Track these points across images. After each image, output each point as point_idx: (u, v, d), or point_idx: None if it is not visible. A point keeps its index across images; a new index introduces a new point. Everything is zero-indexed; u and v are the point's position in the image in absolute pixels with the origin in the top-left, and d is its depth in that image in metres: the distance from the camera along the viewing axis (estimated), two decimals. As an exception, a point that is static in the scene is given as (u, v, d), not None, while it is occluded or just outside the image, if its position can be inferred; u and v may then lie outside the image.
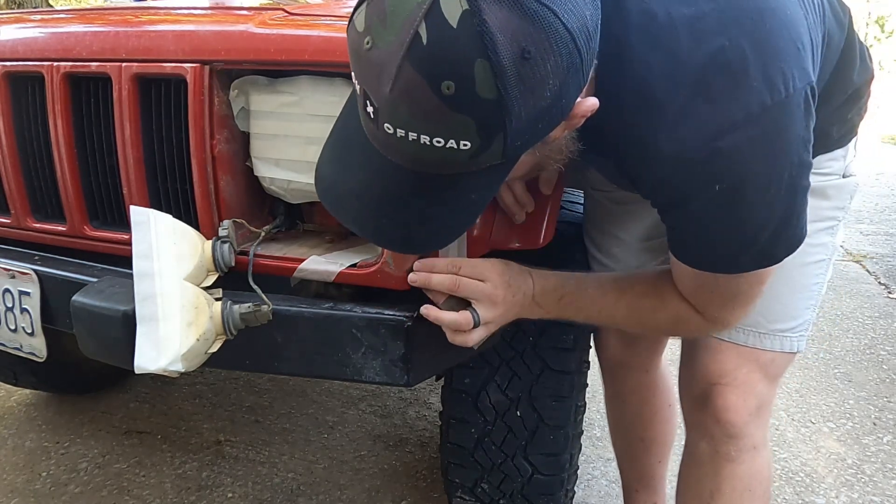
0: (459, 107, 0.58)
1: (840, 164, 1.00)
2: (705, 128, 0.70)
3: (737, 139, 0.70)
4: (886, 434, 2.01)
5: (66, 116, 1.00)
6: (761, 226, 0.76)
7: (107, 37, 0.98)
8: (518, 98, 0.58)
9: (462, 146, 0.61)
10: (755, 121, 0.69)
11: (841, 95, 0.94)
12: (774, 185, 0.73)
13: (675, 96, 0.71)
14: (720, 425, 1.02)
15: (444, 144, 0.60)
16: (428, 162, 0.63)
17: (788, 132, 0.72)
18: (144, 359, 0.83)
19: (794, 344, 1.03)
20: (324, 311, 0.91)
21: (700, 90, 0.70)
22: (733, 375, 1.02)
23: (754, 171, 0.72)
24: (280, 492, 1.66)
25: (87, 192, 1.05)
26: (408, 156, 0.63)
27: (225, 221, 0.95)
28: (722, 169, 0.72)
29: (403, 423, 1.98)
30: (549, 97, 0.60)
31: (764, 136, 0.70)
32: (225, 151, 0.95)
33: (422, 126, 0.60)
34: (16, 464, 1.74)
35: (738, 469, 1.04)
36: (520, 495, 1.31)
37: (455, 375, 1.26)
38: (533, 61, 0.57)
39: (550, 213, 1.07)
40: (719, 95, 0.70)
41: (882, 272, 3.61)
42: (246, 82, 0.94)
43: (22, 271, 1.04)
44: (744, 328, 1.01)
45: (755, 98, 0.69)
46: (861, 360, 2.52)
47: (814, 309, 1.04)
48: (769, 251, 0.79)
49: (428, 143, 0.60)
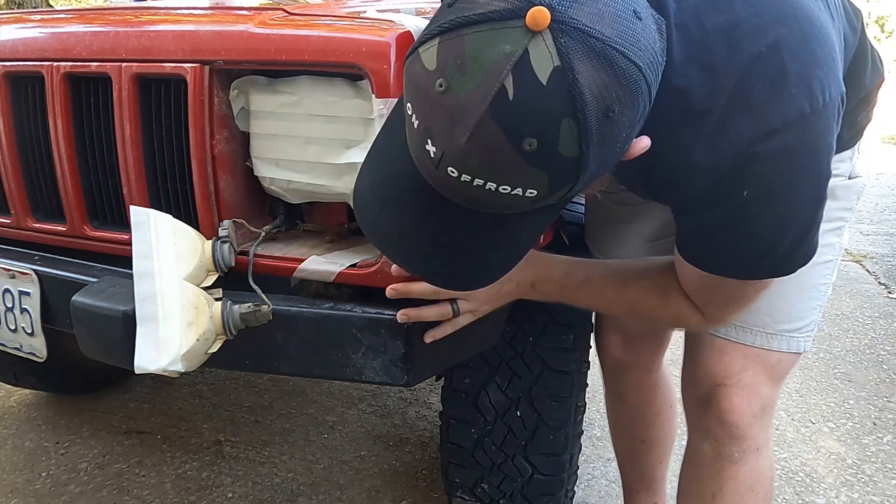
0: (538, 163, 0.56)
1: (847, 165, 1.00)
2: (743, 136, 0.70)
3: (772, 146, 0.69)
4: (886, 434, 2.00)
5: (66, 116, 1.00)
6: (783, 235, 0.75)
7: (107, 37, 0.98)
8: (596, 155, 0.58)
9: (528, 194, 0.59)
10: (792, 129, 0.69)
11: (853, 99, 0.93)
12: (802, 194, 0.73)
13: (714, 107, 0.70)
14: (724, 427, 1.02)
15: (510, 192, 0.59)
16: (487, 204, 0.62)
17: (822, 141, 0.71)
18: (144, 359, 0.83)
19: (801, 344, 1.02)
20: (324, 311, 0.91)
21: (739, 100, 0.69)
22: (738, 377, 1.01)
23: (785, 180, 0.71)
24: (280, 492, 1.66)
25: (87, 192, 1.05)
26: (466, 197, 0.61)
27: (225, 221, 0.95)
28: (753, 175, 0.71)
29: (403, 423, 1.98)
30: (618, 148, 0.61)
31: (799, 145, 0.70)
32: (225, 151, 0.95)
33: (492, 176, 0.58)
34: (16, 464, 1.74)
35: (741, 470, 1.03)
36: (520, 495, 1.31)
37: (455, 375, 1.26)
38: (615, 119, 0.57)
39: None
40: (758, 104, 0.69)
41: (882, 272, 3.61)
42: (246, 82, 0.94)
43: (22, 271, 1.04)
44: (751, 328, 1.00)
45: (794, 106, 0.68)
46: (861, 360, 2.52)
47: (820, 309, 1.04)
48: (787, 261, 0.79)
49: (493, 190, 0.59)
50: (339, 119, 0.90)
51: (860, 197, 1.04)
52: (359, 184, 0.75)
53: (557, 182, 0.59)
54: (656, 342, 1.32)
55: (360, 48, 0.83)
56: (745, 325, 1.00)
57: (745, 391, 1.00)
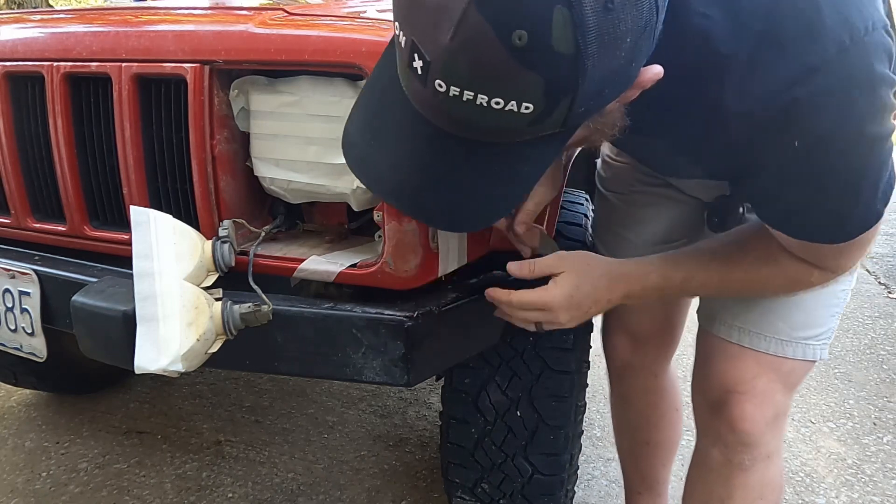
0: (530, 62, 0.50)
1: None
2: (777, 79, 0.62)
3: (815, 87, 0.62)
4: (886, 434, 2.00)
5: (66, 116, 1.00)
6: (856, 183, 0.67)
7: (107, 37, 0.98)
8: (594, 56, 0.51)
9: (524, 109, 0.53)
10: (833, 66, 0.61)
11: None
12: (863, 134, 0.65)
13: (741, 48, 0.63)
14: (735, 434, 0.99)
15: (503, 107, 0.53)
16: (481, 128, 0.56)
17: (871, 73, 0.63)
18: (144, 359, 0.83)
19: (817, 352, 0.98)
20: (324, 311, 0.91)
21: (768, 38, 0.62)
22: (752, 384, 0.98)
23: (838, 123, 0.63)
24: (280, 492, 1.66)
25: (87, 192, 1.05)
26: (458, 120, 0.56)
27: (225, 221, 0.95)
28: (800, 123, 0.64)
29: (403, 423, 1.98)
30: (622, 58, 0.54)
31: (846, 82, 0.62)
32: (225, 151, 0.95)
33: (482, 84, 0.52)
34: (16, 464, 1.74)
35: (751, 478, 1.01)
36: (520, 495, 1.31)
37: (455, 375, 1.26)
38: (615, 14, 0.51)
39: (550, 213, 1.07)
40: (790, 41, 0.62)
41: (882, 272, 3.61)
42: (246, 82, 0.94)
43: (22, 271, 1.04)
44: (765, 335, 0.97)
45: (831, 40, 0.61)
46: (861, 360, 2.52)
47: (838, 316, 1.00)
48: (872, 207, 0.70)
49: (485, 105, 0.53)
50: (339, 119, 0.90)
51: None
52: (348, 123, 0.70)
53: (554, 90, 0.53)
54: (664, 344, 1.30)
55: (360, 48, 0.83)
56: (759, 332, 0.97)
57: (758, 399, 0.97)
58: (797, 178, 0.68)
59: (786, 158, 0.66)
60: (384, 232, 0.89)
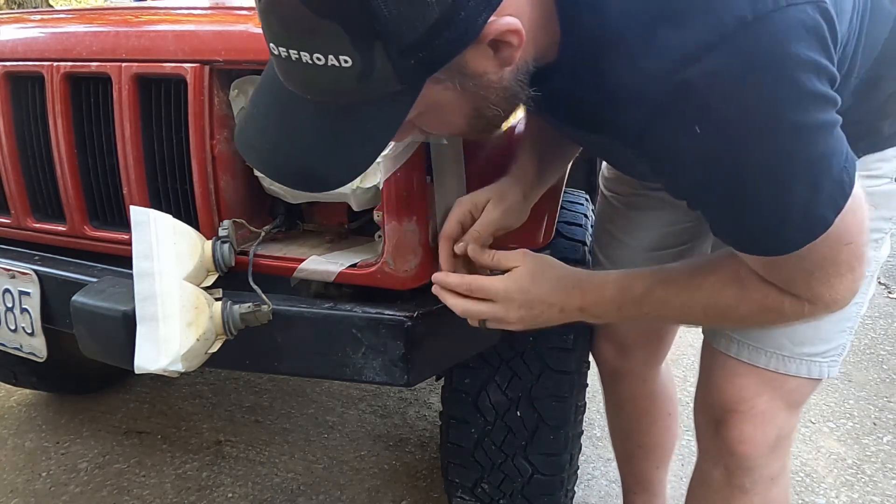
0: (322, 9, 0.53)
1: (891, 165, 0.85)
2: (670, 56, 0.57)
3: (708, 66, 0.56)
4: (886, 434, 2.00)
5: (66, 116, 1.00)
6: (784, 181, 0.60)
7: (107, 37, 0.98)
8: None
9: (343, 62, 0.55)
10: (731, 41, 0.55)
11: (893, 82, 0.79)
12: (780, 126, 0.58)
13: (636, 22, 0.59)
14: (734, 457, 0.94)
15: (324, 62, 0.56)
16: (320, 87, 0.59)
17: (781, 52, 0.56)
18: (144, 359, 0.83)
19: (824, 370, 0.92)
20: (324, 311, 0.91)
21: (662, 11, 0.58)
22: (751, 403, 0.92)
23: (740, 108, 0.57)
24: (280, 492, 1.66)
25: (87, 192, 1.05)
26: (300, 81, 0.60)
27: (225, 221, 0.95)
28: (694, 106, 0.58)
29: (403, 423, 1.98)
30: (435, 4, 0.53)
31: (744, 58, 0.56)
32: (225, 151, 0.95)
33: (295, 40, 0.56)
34: (16, 464, 1.74)
35: (753, 501, 0.97)
36: (520, 495, 1.31)
37: (455, 375, 1.26)
38: None
39: (550, 213, 1.07)
40: (686, 14, 0.57)
41: (882, 272, 3.61)
42: (246, 82, 0.94)
43: (22, 271, 1.04)
44: (765, 349, 0.92)
45: (731, 12, 0.55)
46: (861, 360, 2.52)
47: (851, 332, 0.92)
48: (813, 212, 0.62)
49: (310, 62, 0.56)
50: (339, 119, 0.90)
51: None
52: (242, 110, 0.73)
53: (357, 37, 0.54)
54: (652, 350, 1.28)
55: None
56: (760, 346, 0.92)
57: (758, 419, 0.92)
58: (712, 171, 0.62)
59: (692, 146, 0.60)
60: (384, 232, 0.89)
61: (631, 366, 1.28)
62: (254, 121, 0.68)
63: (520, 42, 0.60)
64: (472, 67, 0.61)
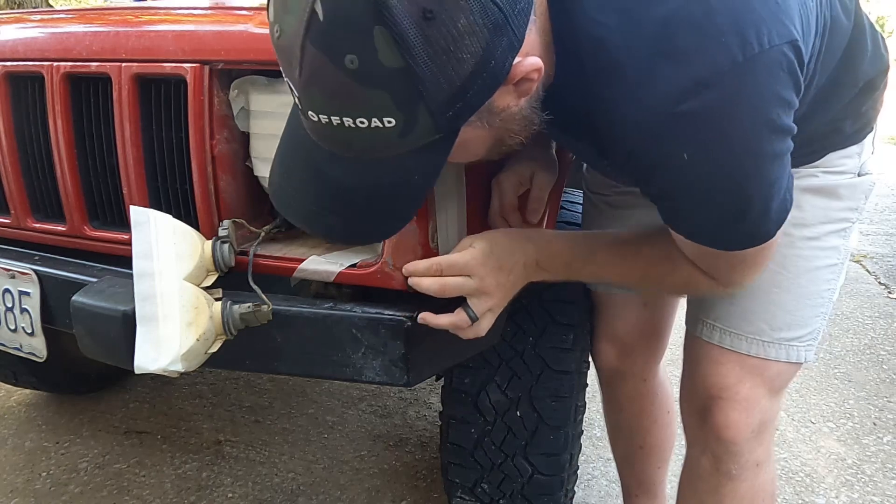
0: (368, 80, 0.55)
1: (855, 161, 0.94)
2: (669, 90, 0.63)
3: (702, 101, 0.62)
4: (886, 434, 2.01)
5: (66, 116, 1.00)
6: (742, 198, 0.69)
7: (107, 37, 0.98)
8: (428, 62, 0.55)
9: (387, 123, 0.58)
10: (723, 80, 0.62)
11: (852, 87, 0.88)
12: (749, 153, 0.66)
13: (635, 56, 0.64)
14: (721, 443, 0.98)
15: (367, 125, 0.58)
16: (360, 146, 0.61)
17: (762, 91, 0.64)
18: (144, 359, 0.83)
19: (802, 353, 0.97)
20: (324, 311, 0.91)
21: (661, 48, 0.63)
22: (735, 390, 0.97)
23: (723, 137, 0.65)
24: (280, 492, 1.66)
25: (87, 192, 1.05)
26: (340, 142, 0.61)
27: (225, 221, 0.95)
28: (687, 135, 0.65)
29: (403, 423, 1.98)
30: (469, 59, 0.56)
31: (734, 96, 0.63)
32: (225, 151, 0.95)
33: (337, 107, 0.57)
34: (16, 464, 1.74)
35: (740, 487, 1.00)
36: (520, 495, 1.31)
37: (455, 375, 1.26)
38: (438, 21, 0.54)
39: (550, 212, 1.07)
40: (683, 53, 0.62)
41: (882, 272, 3.61)
42: (246, 82, 0.94)
43: (22, 271, 1.04)
44: (746, 336, 0.97)
45: (724, 54, 0.61)
46: (861, 360, 2.52)
47: (824, 317, 0.98)
48: (758, 228, 0.73)
49: (352, 126, 0.58)
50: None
51: (868, 197, 0.97)
52: (271, 169, 0.75)
53: (402, 101, 0.57)
54: (651, 350, 1.29)
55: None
56: (740, 332, 0.97)
57: (742, 405, 0.96)
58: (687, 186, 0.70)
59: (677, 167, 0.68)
60: (384, 232, 0.89)
61: (631, 365, 1.28)
62: (288, 181, 0.71)
63: (539, 76, 0.64)
64: (497, 105, 0.65)
